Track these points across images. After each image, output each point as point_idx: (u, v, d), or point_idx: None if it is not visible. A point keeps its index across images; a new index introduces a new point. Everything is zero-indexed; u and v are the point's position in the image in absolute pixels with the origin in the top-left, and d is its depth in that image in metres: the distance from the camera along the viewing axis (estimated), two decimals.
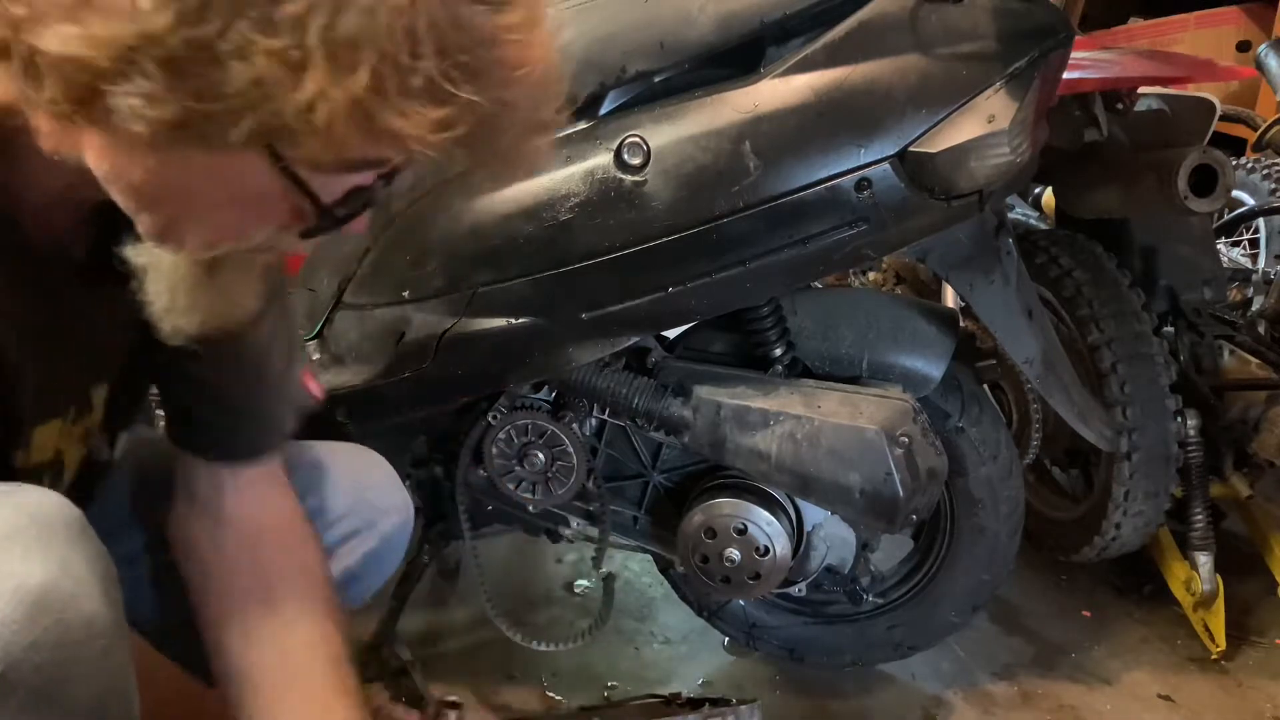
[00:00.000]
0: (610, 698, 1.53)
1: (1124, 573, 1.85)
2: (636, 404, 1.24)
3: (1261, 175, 2.36)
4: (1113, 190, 1.61)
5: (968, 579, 1.43)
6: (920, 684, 1.57)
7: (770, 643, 1.53)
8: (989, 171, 1.03)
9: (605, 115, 1.09)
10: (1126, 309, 1.57)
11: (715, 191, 1.05)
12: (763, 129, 1.04)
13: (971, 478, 1.36)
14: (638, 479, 1.39)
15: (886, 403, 1.20)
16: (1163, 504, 1.60)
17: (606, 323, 1.15)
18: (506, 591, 1.80)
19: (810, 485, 1.20)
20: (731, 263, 1.09)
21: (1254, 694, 1.55)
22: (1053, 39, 1.05)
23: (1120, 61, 1.59)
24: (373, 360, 1.25)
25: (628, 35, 1.07)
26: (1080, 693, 1.56)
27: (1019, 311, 1.25)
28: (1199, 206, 1.44)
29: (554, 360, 1.19)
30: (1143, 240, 1.72)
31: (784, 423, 1.19)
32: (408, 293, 1.21)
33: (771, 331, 1.26)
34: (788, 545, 1.27)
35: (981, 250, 1.21)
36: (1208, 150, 1.44)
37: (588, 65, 1.08)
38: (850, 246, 1.08)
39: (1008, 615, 1.76)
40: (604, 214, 1.08)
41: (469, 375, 1.22)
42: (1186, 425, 1.59)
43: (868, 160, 1.03)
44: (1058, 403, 1.31)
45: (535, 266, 1.13)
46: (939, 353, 1.27)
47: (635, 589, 1.82)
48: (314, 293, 1.35)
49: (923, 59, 1.02)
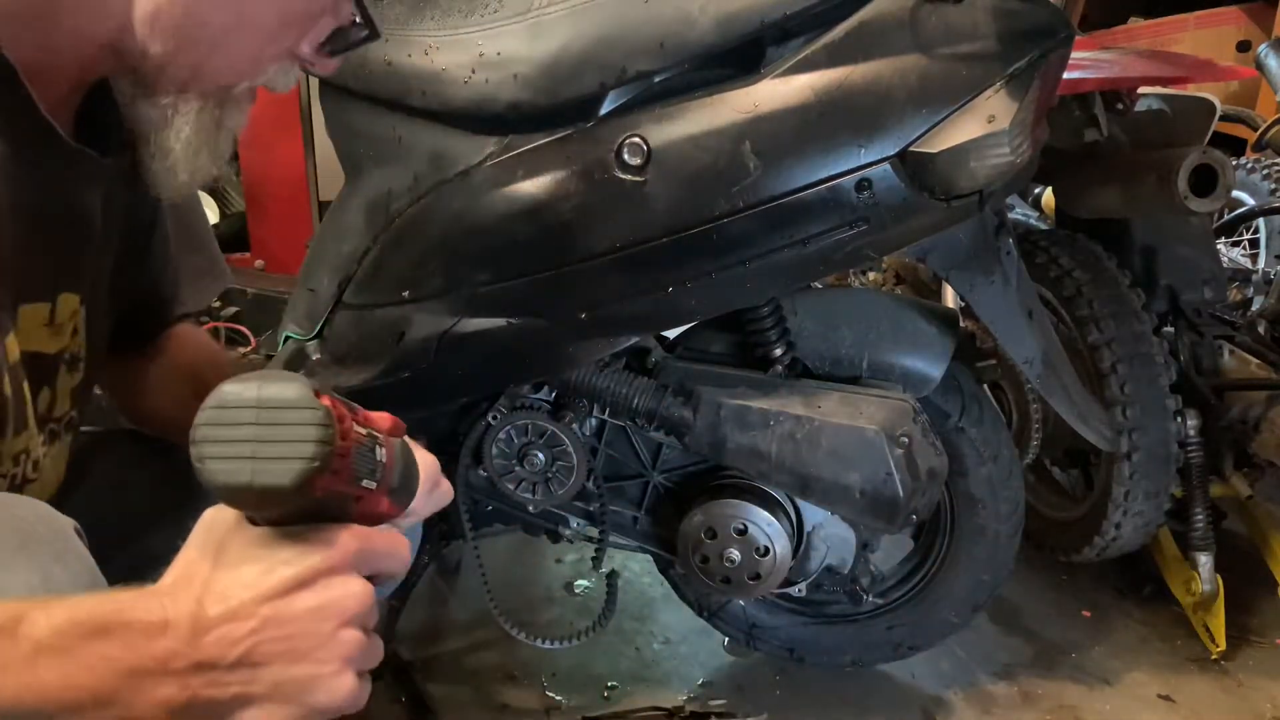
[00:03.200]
0: (610, 698, 1.53)
1: (1124, 573, 1.85)
2: (636, 404, 1.24)
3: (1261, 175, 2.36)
4: (1113, 190, 1.61)
5: (968, 579, 1.43)
6: (920, 684, 1.57)
7: (770, 643, 1.53)
8: (989, 171, 1.03)
9: (605, 115, 1.09)
10: (1126, 309, 1.57)
11: (715, 191, 1.05)
12: (763, 129, 1.04)
13: (971, 478, 1.36)
14: (638, 479, 1.39)
15: (886, 403, 1.20)
16: (1163, 504, 1.60)
17: (606, 323, 1.15)
18: (507, 591, 1.79)
19: (810, 485, 1.20)
20: (731, 263, 1.08)
21: (1254, 694, 1.55)
22: (1053, 39, 1.05)
23: (1120, 61, 1.59)
24: (373, 360, 1.25)
25: (628, 35, 1.07)
26: (1080, 693, 1.56)
27: (1019, 311, 1.25)
28: (1199, 206, 1.44)
29: (554, 360, 1.19)
30: (1143, 240, 1.72)
31: (784, 423, 1.19)
32: (408, 293, 1.21)
33: (771, 331, 1.26)
34: (788, 545, 1.27)
35: (981, 250, 1.21)
36: (1208, 150, 1.45)
37: (588, 65, 1.08)
38: (850, 246, 1.08)
39: (1008, 615, 1.76)
40: (604, 214, 1.08)
41: (469, 375, 1.22)
42: (1186, 425, 1.59)
43: (868, 160, 1.03)
44: (1058, 403, 1.31)
45: (535, 266, 1.12)
46: (939, 353, 1.27)
47: (635, 589, 1.82)
48: (314, 293, 1.35)
49: (923, 59, 1.02)
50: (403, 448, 0.63)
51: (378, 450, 0.58)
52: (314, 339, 1.34)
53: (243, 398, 0.51)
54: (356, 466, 0.55)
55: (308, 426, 0.51)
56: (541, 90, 1.09)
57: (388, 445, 0.60)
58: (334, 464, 0.52)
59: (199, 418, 0.51)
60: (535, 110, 1.10)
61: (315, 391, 0.53)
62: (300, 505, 0.53)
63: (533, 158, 1.11)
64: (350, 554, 0.55)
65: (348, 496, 0.56)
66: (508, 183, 1.11)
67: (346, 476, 0.54)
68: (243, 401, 0.51)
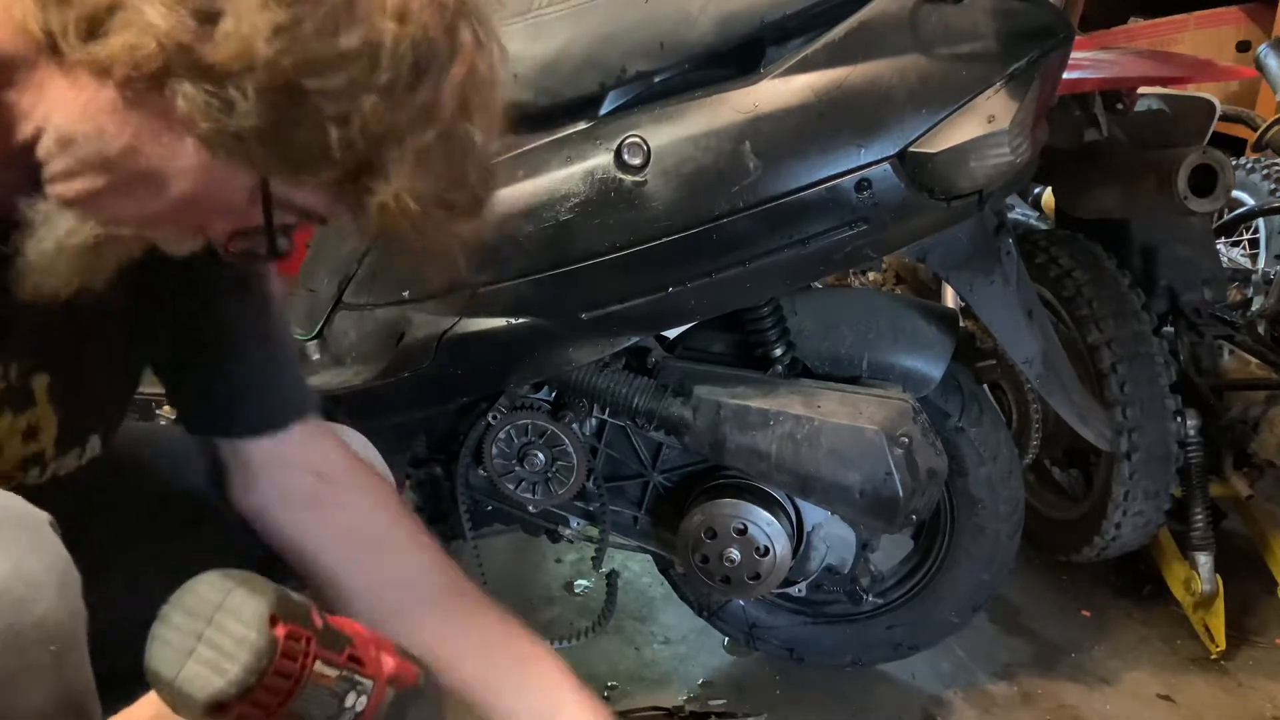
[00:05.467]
0: (610, 698, 1.53)
1: (1124, 573, 1.85)
2: (636, 404, 1.24)
3: (1261, 175, 2.36)
4: (1113, 190, 1.61)
5: (968, 579, 1.43)
6: (920, 684, 1.57)
7: (770, 643, 1.53)
8: (989, 171, 1.03)
9: (605, 115, 1.09)
10: (1126, 309, 1.57)
11: (715, 191, 1.05)
12: (763, 129, 1.04)
13: (971, 478, 1.36)
14: (638, 479, 1.39)
15: (886, 403, 1.20)
16: (1163, 504, 1.59)
17: (606, 323, 1.15)
18: (507, 591, 1.79)
19: (810, 485, 1.20)
20: (731, 263, 1.09)
21: (1254, 694, 1.55)
22: (1053, 39, 1.05)
23: (1120, 61, 1.59)
24: (373, 360, 1.25)
25: (628, 35, 1.07)
26: (1080, 693, 1.56)
27: (1019, 311, 1.25)
28: (1199, 206, 1.44)
29: (554, 360, 1.19)
30: (1143, 240, 1.72)
31: (784, 423, 1.19)
32: (408, 293, 1.21)
33: (771, 331, 1.26)
34: (788, 545, 1.27)
35: (981, 250, 1.21)
36: (1208, 150, 1.45)
37: (588, 65, 1.08)
38: (850, 246, 1.08)
39: (1008, 615, 1.76)
40: (604, 214, 1.08)
41: (469, 375, 1.22)
42: (1186, 425, 1.58)
43: (868, 160, 1.03)
44: (1058, 403, 1.31)
45: (535, 266, 1.13)
46: (939, 353, 1.27)
47: (635, 589, 1.82)
48: (314, 293, 1.35)
49: (923, 59, 1.02)
50: (399, 700, 0.59)
51: (351, 696, 0.55)
52: (314, 339, 1.34)
53: (208, 597, 0.52)
54: (301, 707, 0.53)
55: (240, 648, 0.51)
56: (541, 90, 1.09)
57: (377, 693, 0.57)
58: (257, 695, 0.51)
59: (173, 595, 0.52)
60: (535, 110, 1.10)
61: (273, 617, 0.52)
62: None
63: (533, 158, 1.11)
64: None
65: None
66: (508, 183, 1.11)
67: (279, 713, 0.53)
68: (208, 599, 0.52)
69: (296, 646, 0.52)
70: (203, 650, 0.51)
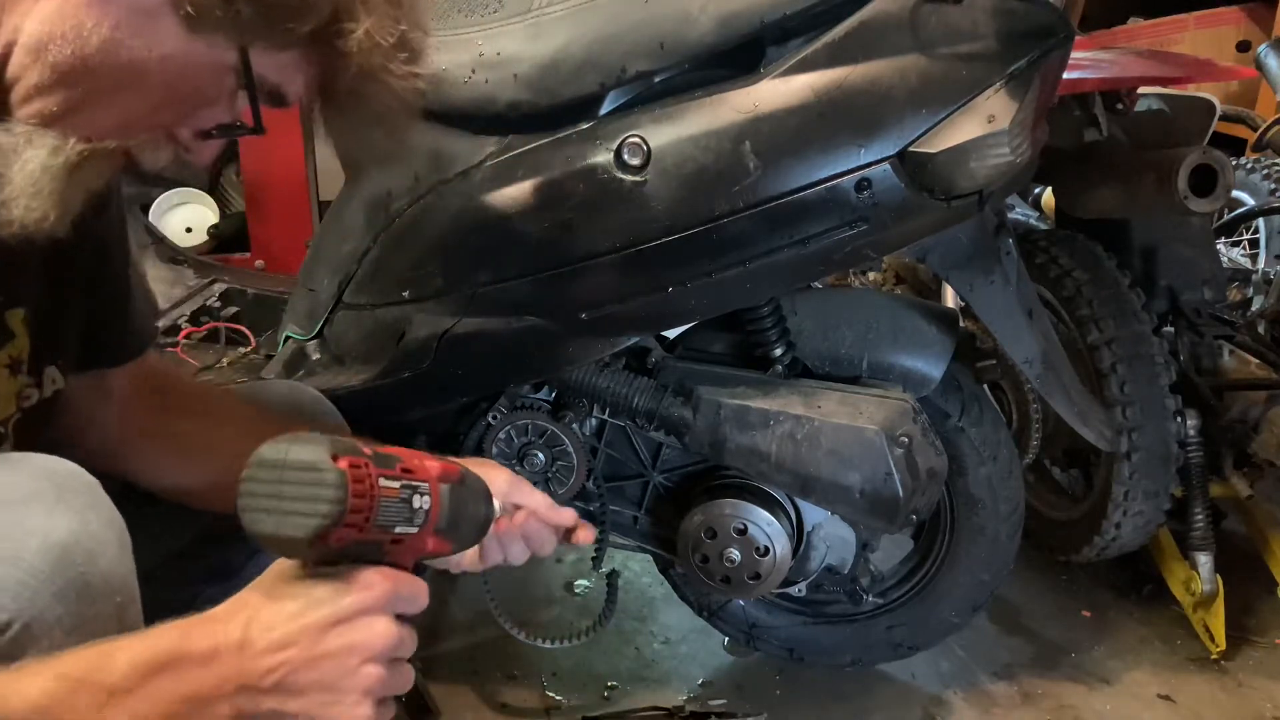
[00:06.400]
0: (610, 698, 1.53)
1: (1124, 573, 1.85)
2: (636, 404, 1.24)
3: (1261, 175, 2.36)
4: (1113, 190, 1.61)
5: (968, 579, 1.43)
6: (920, 684, 1.57)
7: (770, 643, 1.53)
8: (989, 171, 1.03)
9: (605, 115, 1.09)
10: (1126, 309, 1.57)
11: (715, 191, 1.05)
12: (763, 129, 1.04)
13: (971, 478, 1.36)
14: (638, 479, 1.39)
15: (886, 403, 1.20)
16: (1163, 504, 1.59)
17: (606, 323, 1.15)
18: (507, 591, 1.79)
19: (810, 485, 1.20)
20: (731, 263, 1.09)
21: (1254, 694, 1.55)
22: (1053, 39, 1.05)
23: (1120, 61, 1.59)
24: (373, 360, 1.25)
25: (628, 35, 1.07)
26: (1080, 693, 1.56)
27: (1019, 311, 1.25)
28: (1199, 206, 1.44)
29: (554, 360, 1.19)
30: (1143, 240, 1.72)
31: (784, 423, 1.19)
32: (408, 293, 1.21)
33: (771, 331, 1.26)
34: (788, 545, 1.27)
35: (981, 250, 1.21)
36: (1208, 150, 1.44)
37: (588, 65, 1.08)
38: (850, 246, 1.08)
39: (1008, 615, 1.76)
40: (604, 214, 1.08)
41: (469, 375, 1.22)
42: (1186, 425, 1.58)
43: (868, 160, 1.03)
44: (1058, 403, 1.31)
45: (535, 266, 1.13)
46: (939, 353, 1.27)
47: (635, 589, 1.82)
48: (314, 293, 1.35)
49: (923, 59, 1.02)
50: (453, 491, 0.70)
51: (416, 499, 0.65)
52: (314, 339, 1.34)
53: (272, 460, 0.60)
54: (383, 517, 0.62)
55: (321, 488, 0.58)
56: (541, 90, 1.09)
57: (434, 492, 0.67)
58: (349, 519, 0.59)
59: (243, 473, 0.60)
60: (535, 110, 1.10)
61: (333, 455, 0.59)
62: (322, 554, 0.61)
63: (533, 158, 1.11)
64: (379, 598, 0.63)
65: (375, 543, 0.64)
66: (508, 183, 1.12)
67: (368, 528, 0.61)
68: (272, 463, 0.60)
69: (360, 472, 0.60)
70: (288, 503, 0.59)
